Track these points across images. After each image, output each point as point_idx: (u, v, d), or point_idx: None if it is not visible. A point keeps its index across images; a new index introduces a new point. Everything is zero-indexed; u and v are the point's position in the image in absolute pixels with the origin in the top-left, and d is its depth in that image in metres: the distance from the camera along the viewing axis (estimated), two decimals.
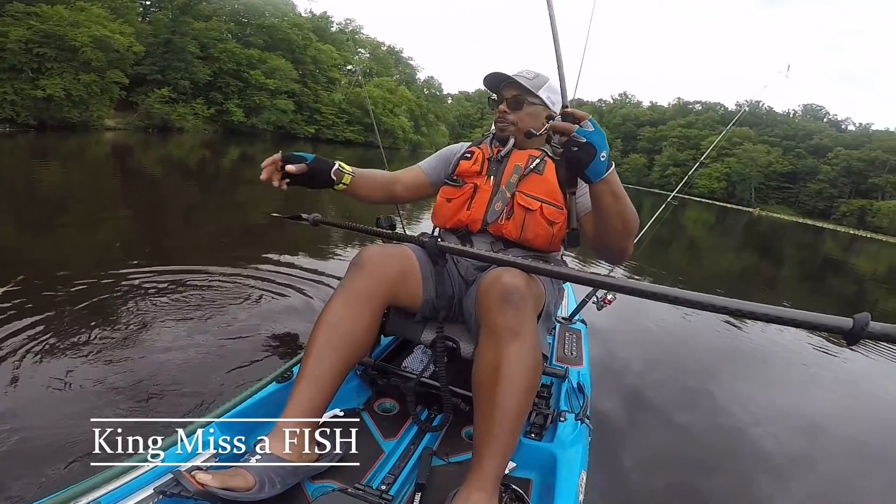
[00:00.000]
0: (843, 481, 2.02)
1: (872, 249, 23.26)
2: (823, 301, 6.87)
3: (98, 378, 1.75)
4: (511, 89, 1.42)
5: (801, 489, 1.89)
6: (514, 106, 1.42)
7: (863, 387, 3.13)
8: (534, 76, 1.41)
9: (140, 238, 4.03)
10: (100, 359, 1.88)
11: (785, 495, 1.83)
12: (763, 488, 1.83)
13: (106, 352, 1.94)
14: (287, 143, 25.30)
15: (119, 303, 2.42)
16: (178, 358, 1.96)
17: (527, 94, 1.40)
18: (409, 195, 1.56)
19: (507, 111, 1.42)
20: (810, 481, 1.96)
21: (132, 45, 17.25)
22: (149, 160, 10.49)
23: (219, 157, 13.15)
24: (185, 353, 2.01)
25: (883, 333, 0.71)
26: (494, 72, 1.42)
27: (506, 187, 1.37)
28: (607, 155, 0.98)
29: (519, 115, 1.42)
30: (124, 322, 2.21)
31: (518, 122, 1.42)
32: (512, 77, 1.39)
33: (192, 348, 2.06)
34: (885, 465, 2.20)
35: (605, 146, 0.96)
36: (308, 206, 3.82)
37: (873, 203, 45.63)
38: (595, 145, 0.93)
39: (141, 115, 19.84)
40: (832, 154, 50.45)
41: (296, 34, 31.19)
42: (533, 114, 1.42)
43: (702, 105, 69.69)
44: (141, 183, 7.24)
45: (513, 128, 1.42)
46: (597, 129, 0.95)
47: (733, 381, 2.86)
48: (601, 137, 0.95)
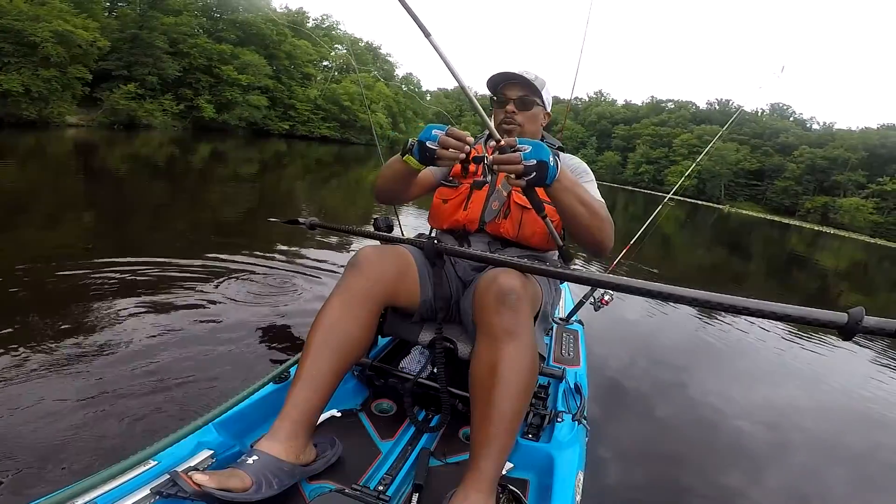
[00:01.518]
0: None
1: (835, 245, 24.16)
2: (791, 298, 7.06)
3: (92, 379, 1.73)
4: (517, 90, 1.43)
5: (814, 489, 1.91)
6: (521, 106, 1.42)
7: (828, 379, 3.22)
8: (535, 77, 1.42)
9: (118, 236, 3.89)
10: (97, 358, 1.87)
11: (787, 495, 1.85)
12: (763, 488, 1.85)
13: (105, 352, 1.92)
14: (260, 140, 24.80)
15: (106, 304, 2.37)
16: (176, 358, 1.95)
17: (534, 95, 1.42)
18: (420, 193, 1.54)
19: (516, 111, 1.42)
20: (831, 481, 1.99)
21: (97, 39, 16.79)
22: (114, 158, 10.10)
23: (189, 155, 12.75)
24: (183, 353, 2.00)
25: (877, 328, 0.72)
26: (504, 71, 1.43)
27: (502, 187, 1.38)
28: (554, 158, 1.03)
29: (526, 115, 1.43)
30: (114, 323, 2.18)
31: (524, 124, 1.43)
32: (524, 77, 1.40)
33: (190, 349, 2.05)
34: (849, 456, 2.26)
35: (547, 152, 1.01)
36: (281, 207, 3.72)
37: (836, 200, 47.38)
38: (543, 158, 0.99)
39: (106, 112, 19.11)
40: (798, 152, 52.13)
41: (270, 29, 30.59)
42: (536, 115, 1.45)
43: (674, 103, 71.25)
44: (107, 181, 6.96)
45: (520, 129, 1.43)
46: (529, 142, 1.00)
47: (733, 381, 2.90)
48: (539, 147, 1.01)
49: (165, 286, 2.69)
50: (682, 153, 58.74)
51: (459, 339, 1.34)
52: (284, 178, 10.95)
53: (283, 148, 21.92)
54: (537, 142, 1.02)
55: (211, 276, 2.97)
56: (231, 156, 12.18)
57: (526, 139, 1.03)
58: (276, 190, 8.76)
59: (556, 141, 1.60)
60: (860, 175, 47.46)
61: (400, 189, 1.39)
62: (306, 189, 9.59)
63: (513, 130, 1.43)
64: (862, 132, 52.69)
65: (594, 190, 1.35)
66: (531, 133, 1.48)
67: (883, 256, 22.82)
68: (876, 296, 9.37)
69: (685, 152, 58.45)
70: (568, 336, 2.00)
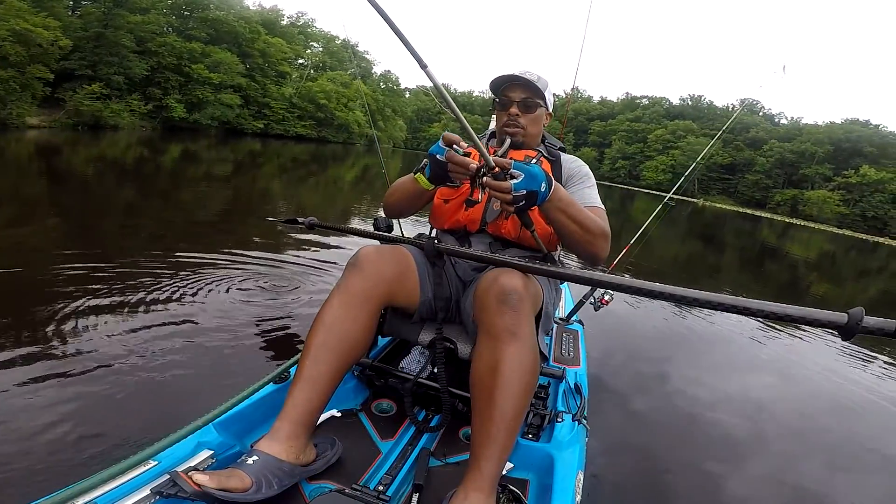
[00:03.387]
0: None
1: (804, 236, 24.93)
2: (766, 290, 7.21)
3: (91, 380, 1.72)
4: (520, 92, 1.41)
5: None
6: (525, 109, 1.42)
7: (797, 370, 3.26)
8: (537, 78, 1.41)
9: (93, 238, 3.72)
10: (97, 358, 1.86)
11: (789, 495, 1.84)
12: (763, 487, 1.83)
13: (105, 352, 1.91)
14: (233, 140, 24.29)
15: (105, 304, 2.35)
16: (176, 359, 1.95)
17: (537, 97, 1.41)
18: (428, 201, 1.53)
19: (520, 114, 1.42)
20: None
21: (58, 38, 16.27)
22: (79, 160, 9.71)
23: (159, 156, 12.35)
24: (183, 353, 1.99)
25: (877, 327, 0.72)
26: (506, 73, 1.42)
27: None
28: (546, 183, 1.04)
29: (529, 117, 1.42)
30: (113, 324, 2.16)
31: (528, 126, 1.43)
32: (527, 78, 1.39)
33: (190, 349, 2.04)
34: (820, 445, 2.28)
35: (539, 181, 1.02)
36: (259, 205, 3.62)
37: (804, 193, 49.00)
38: (534, 188, 1.01)
39: (69, 113, 18.41)
40: (767, 146, 53.72)
41: (243, 27, 29.97)
42: (539, 117, 1.45)
43: (648, 99, 72.53)
44: (73, 183, 6.68)
45: (523, 131, 1.42)
46: (523, 168, 1.01)
47: (734, 379, 2.90)
48: (532, 176, 1.02)
49: (163, 286, 2.66)
50: (656, 148, 59.91)
51: (459, 339, 1.34)
52: (261, 178, 10.71)
53: (257, 147, 21.55)
54: (532, 168, 1.03)
55: (210, 277, 2.94)
56: (203, 156, 11.86)
57: (521, 164, 1.03)
58: (252, 189, 8.57)
59: (557, 142, 1.58)
60: (826, 168, 49.16)
61: (411, 206, 1.41)
62: (285, 187, 9.43)
63: (517, 133, 1.42)
64: (827, 126, 54.52)
65: (593, 195, 1.37)
66: (533, 135, 1.46)
67: (850, 247, 23.69)
68: (844, 285, 9.66)
69: (660, 147, 59.66)
70: (568, 336, 2.01)
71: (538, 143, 1.50)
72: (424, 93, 77.62)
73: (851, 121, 55.26)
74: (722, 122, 59.33)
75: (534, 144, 1.47)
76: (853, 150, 48.84)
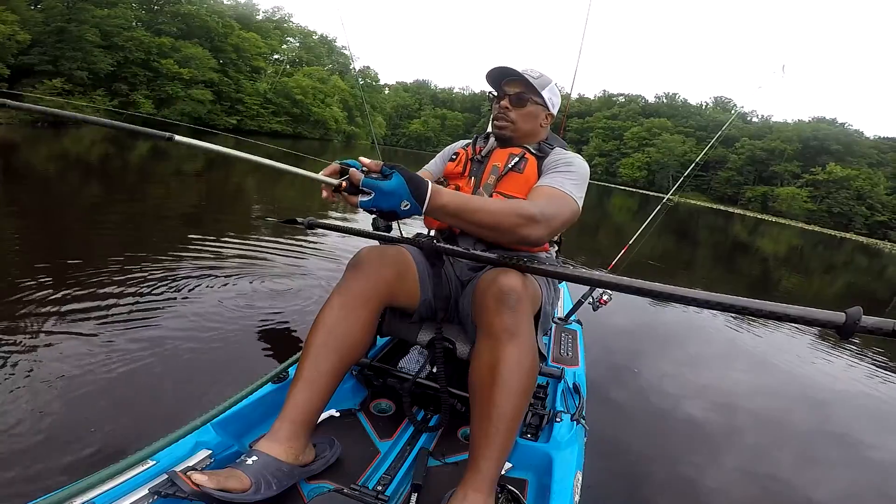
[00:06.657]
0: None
1: (774, 232, 25.63)
2: (737, 281, 7.33)
3: (90, 380, 1.71)
4: (514, 86, 1.40)
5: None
6: (516, 103, 1.40)
7: (798, 367, 3.29)
8: (538, 75, 1.40)
9: (77, 238, 3.56)
10: (97, 359, 1.84)
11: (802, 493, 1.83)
12: (763, 487, 1.82)
13: (104, 353, 1.89)
14: (207, 136, 23.67)
15: (102, 304, 2.32)
16: (176, 359, 1.94)
17: (531, 93, 1.39)
18: None
19: (510, 108, 1.40)
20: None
21: (15, 33, 15.63)
22: (39, 157, 9.27)
23: (126, 153, 11.90)
24: (183, 353, 1.99)
25: (875, 327, 0.73)
26: (501, 66, 1.39)
27: (483, 189, 1.38)
28: (410, 199, 0.92)
29: (520, 112, 1.40)
30: (111, 324, 2.14)
31: (518, 121, 1.40)
32: (520, 73, 1.37)
33: (189, 349, 2.03)
34: (793, 435, 2.31)
35: (396, 198, 0.91)
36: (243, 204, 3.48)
37: (774, 189, 50.44)
38: (388, 206, 0.91)
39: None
40: (739, 144, 55.07)
41: (215, 21, 29.21)
42: (533, 113, 1.42)
43: (625, 97, 73.50)
44: (36, 181, 6.38)
45: (513, 126, 1.41)
46: (374, 186, 0.89)
47: (734, 379, 2.90)
48: (383, 194, 0.90)
49: (162, 287, 2.64)
50: (632, 145, 60.79)
51: (458, 338, 1.34)
52: (234, 175, 10.43)
53: (229, 143, 20.99)
54: (387, 185, 0.89)
55: (209, 277, 2.92)
56: (173, 153, 11.44)
57: (375, 182, 0.90)
58: (226, 186, 8.34)
59: (557, 139, 1.54)
60: (795, 165, 50.70)
61: None
62: (260, 184, 9.21)
63: (505, 127, 1.40)
64: (796, 124, 56.23)
65: (556, 180, 1.26)
66: (526, 131, 1.43)
67: (817, 241, 24.49)
68: (812, 277, 9.92)
69: (636, 144, 60.54)
70: (567, 336, 2.02)
71: (532, 141, 1.45)
72: (403, 89, 77.29)
73: (819, 119, 57.09)
74: (696, 120, 60.75)
75: (526, 142, 1.44)
76: (820, 147, 50.48)
